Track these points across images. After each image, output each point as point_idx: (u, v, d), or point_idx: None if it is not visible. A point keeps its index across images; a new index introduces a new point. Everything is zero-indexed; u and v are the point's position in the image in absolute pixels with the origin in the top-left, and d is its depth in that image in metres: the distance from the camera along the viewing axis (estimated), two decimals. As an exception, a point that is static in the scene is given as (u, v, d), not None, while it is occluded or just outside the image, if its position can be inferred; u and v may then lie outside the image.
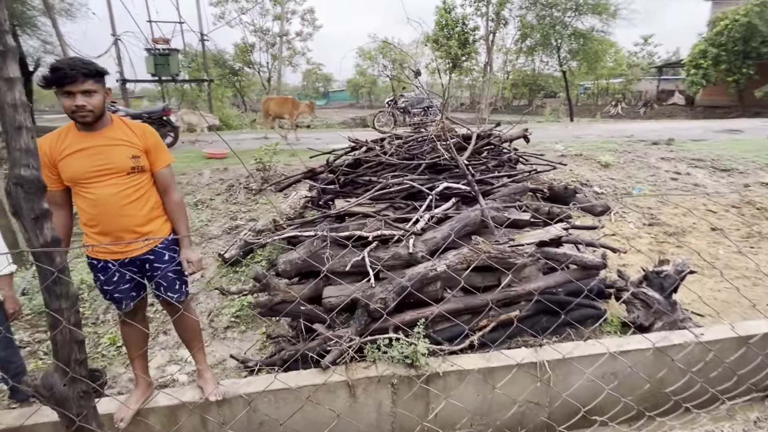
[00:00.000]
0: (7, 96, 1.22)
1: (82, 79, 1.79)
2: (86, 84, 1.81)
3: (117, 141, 1.99)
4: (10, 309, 2.51)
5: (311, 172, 4.14)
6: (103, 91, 1.91)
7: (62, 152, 1.92)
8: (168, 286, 2.22)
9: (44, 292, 1.25)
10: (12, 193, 1.22)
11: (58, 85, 1.79)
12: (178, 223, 2.21)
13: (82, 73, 1.80)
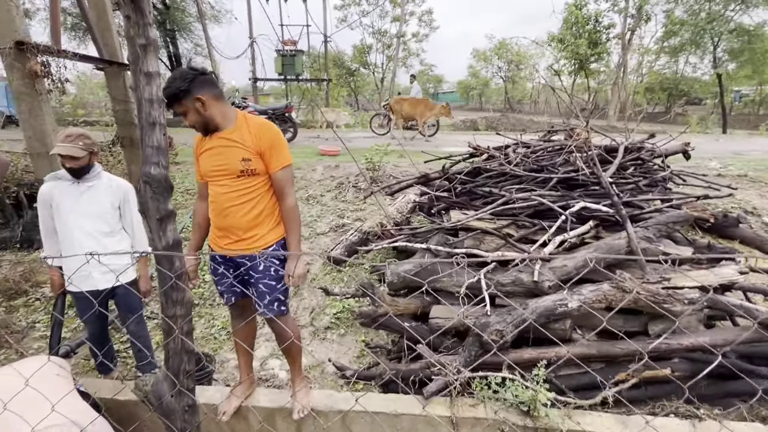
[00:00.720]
0: (146, 91, 1.18)
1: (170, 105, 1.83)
2: (175, 108, 1.85)
3: (233, 143, 1.96)
4: (143, 288, 2.71)
5: (424, 178, 3.91)
6: (193, 105, 1.86)
7: (201, 149, 2.03)
8: (258, 296, 2.13)
9: (162, 296, 1.17)
10: (141, 191, 1.17)
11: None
12: (287, 232, 2.09)
13: (167, 103, 1.82)
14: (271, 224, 2.10)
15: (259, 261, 2.01)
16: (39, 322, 3.65)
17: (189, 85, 1.78)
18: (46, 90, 3.60)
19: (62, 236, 2.49)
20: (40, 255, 2.50)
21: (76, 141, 2.34)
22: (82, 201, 2.46)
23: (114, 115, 4.90)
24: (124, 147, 4.85)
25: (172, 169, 8.06)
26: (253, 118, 2.03)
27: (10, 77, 3.50)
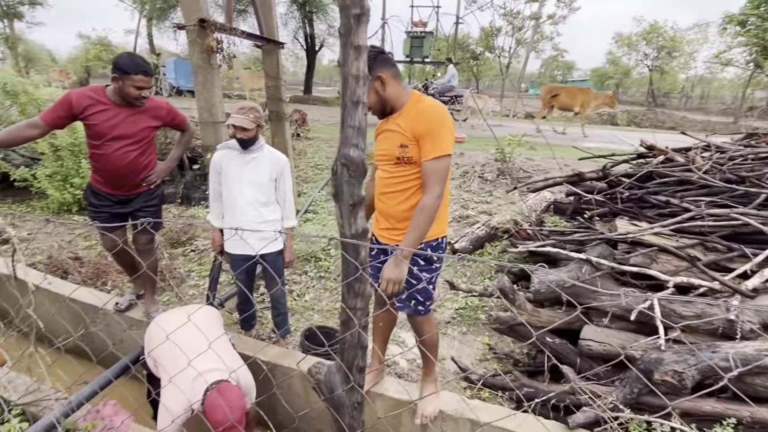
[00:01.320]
0: (353, 66, 1.09)
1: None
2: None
3: (396, 127, 1.86)
4: (288, 258, 2.84)
5: (577, 177, 3.47)
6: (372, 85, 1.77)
7: (377, 132, 2.01)
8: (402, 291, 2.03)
9: (344, 287, 1.10)
10: (337, 174, 1.10)
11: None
12: (410, 227, 1.82)
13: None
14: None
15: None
16: (193, 271, 4.13)
17: (372, 63, 1.68)
18: (217, 64, 3.97)
19: (226, 201, 2.69)
20: (207, 216, 2.72)
21: (248, 113, 2.47)
22: (246, 170, 2.62)
23: (266, 91, 5.29)
24: (271, 120, 5.22)
25: (303, 143, 8.59)
26: (425, 100, 1.89)
27: (191, 52, 3.93)
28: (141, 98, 2.49)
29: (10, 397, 2.09)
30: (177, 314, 2.22)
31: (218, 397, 1.83)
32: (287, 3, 22.84)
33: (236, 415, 1.85)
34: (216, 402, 1.82)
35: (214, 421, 1.81)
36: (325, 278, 4.06)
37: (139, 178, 2.62)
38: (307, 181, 6.86)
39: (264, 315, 3.44)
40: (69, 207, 5.42)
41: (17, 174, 5.42)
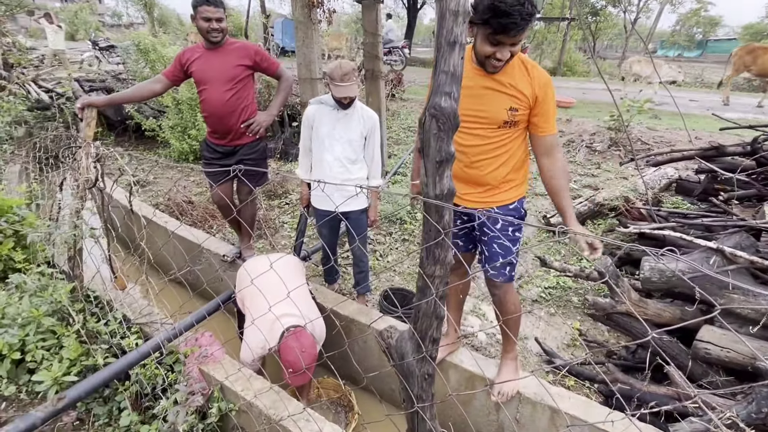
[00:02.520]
0: (452, 0, 0.93)
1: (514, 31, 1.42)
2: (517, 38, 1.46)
3: (501, 87, 1.63)
4: (372, 217, 2.83)
5: (715, 150, 2.90)
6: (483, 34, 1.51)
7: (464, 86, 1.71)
8: (489, 257, 1.89)
9: (423, 252, 1.00)
10: (425, 125, 0.98)
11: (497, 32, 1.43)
12: (558, 194, 1.72)
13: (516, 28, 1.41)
14: (519, 179, 1.84)
15: (498, 219, 1.76)
16: (286, 223, 4.37)
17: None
18: (317, 20, 3.97)
19: (315, 157, 2.72)
20: (296, 170, 2.78)
21: (351, 77, 2.41)
22: (338, 127, 2.60)
23: (363, 48, 5.21)
24: (366, 79, 5.16)
25: (397, 104, 8.47)
26: (530, 61, 1.67)
27: (293, 7, 3.97)
28: (212, 31, 2.55)
29: (130, 317, 2.42)
30: (263, 260, 2.35)
31: (293, 341, 1.93)
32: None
33: (307, 360, 1.94)
34: (291, 345, 1.92)
35: (287, 361, 1.93)
36: (408, 241, 4.02)
37: (239, 122, 2.73)
38: (398, 143, 6.79)
39: (347, 271, 3.53)
40: (186, 156, 6.05)
41: (147, 124, 6.16)
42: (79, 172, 2.17)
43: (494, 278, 1.90)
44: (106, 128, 6.78)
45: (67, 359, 2.04)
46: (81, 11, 26.27)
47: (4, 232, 2.53)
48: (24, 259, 2.45)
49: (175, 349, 2.17)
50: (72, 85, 7.15)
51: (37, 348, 2.05)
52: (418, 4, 23.85)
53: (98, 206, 2.31)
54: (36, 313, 2.08)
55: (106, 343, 2.18)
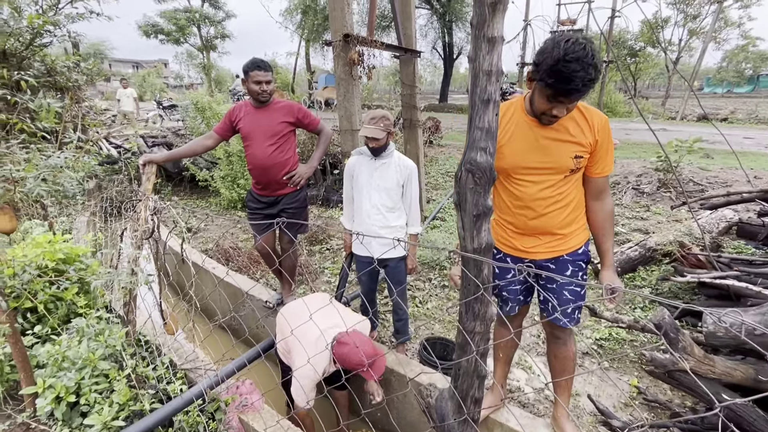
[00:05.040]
0: (485, 61, 0.98)
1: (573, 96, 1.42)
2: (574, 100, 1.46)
3: (565, 135, 1.61)
4: (410, 265, 2.82)
5: (778, 192, 2.71)
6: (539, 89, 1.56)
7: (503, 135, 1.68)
8: (560, 304, 1.81)
9: (462, 307, 0.98)
10: (461, 180, 0.99)
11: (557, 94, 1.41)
12: (604, 236, 1.73)
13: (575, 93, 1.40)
14: (582, 220, 1.80)
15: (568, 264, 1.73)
16: (327, 269, 4.43)
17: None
18: (358, 76, 4.21)
19: (356, 205, 2.80)
20: (337, 216, 2.85)
21: (379, 123, 2.52)
22: (375, 175, 2.68)
23: (401, 98, 5.43)
24: (405, 128, 5.34)
25: (435, 151, 8.62)
26: (585, 105, 1.66)
27: (335, 65, 4.24)
28: (263, 93, 2.76)
29: (177, 362, 2.49)
30: (298, 303, 2.40)
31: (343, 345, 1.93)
32: (427, 15, 23.44)
33: (368, 348, 1.92)
34: (343, 350, 1.92)
35: (352, 363, 1.92)
36: (448, 288, 3.95)
37: (280, 174, 2.88)
38: (436, 188, 6.84)
39: (387, 318, 3.48)
40: (235, 204, 6.38)
41: (201, 175, 6.60)
42: (138, 223, 2.34)
43: (565, 326, 1.83)
44: (165, 179, 7.32)
45: (116, 403, 2.11)
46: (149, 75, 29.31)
47: (70, 279, 2.74)
48: (85, 304, 2.62)
49: (216, 396, 2.20)
50: (137, 141, 7.86)
51: (90, 391, 2.14)
52: (454, 54, 24.78)
53: (153, 254, 2.47)
54: (92, 357, 2.19)
55: (153, 388, 2.24)
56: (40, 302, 2.53)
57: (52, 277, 2.64)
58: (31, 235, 3.20)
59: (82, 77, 5.19)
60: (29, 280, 2.47)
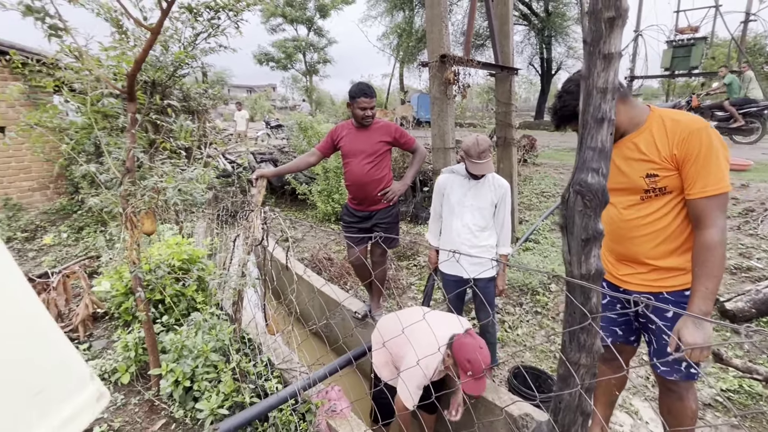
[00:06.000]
0: (600, 78, 0.94)
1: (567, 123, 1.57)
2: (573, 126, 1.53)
3: (635, 153, 1.51)
4: (500, 287, 2.72)
5: None
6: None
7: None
8: (658, 349, 1.60)
9: (566, 336, 0.93)
10: (568, 201, 0.95)
11: None
12: (696, 275, 1.42)
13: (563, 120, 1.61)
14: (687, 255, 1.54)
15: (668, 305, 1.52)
16: (413, 284, 4.46)
17: None
18: (453, 95, 4.24)
19: (445, 223, 2.79)
20: (426, 234, 2.87)
21: (488, 155, 2.49)
22: (468, 195, 2.65)
23: (495, 117, 5.34)
24: (498, 146, 5.22)
25: (530, 169, 8.25)
26: (672, 114, 1.48)
27: (431, 85, 4.32)
28: (366, 117, 2.93)
29: (274, 361, 2.68)
30: (392, 317, 2.43)
31: (469, 338, 1.90)
32: (524, 31, 22.82)
33: (486, 358, 1.86)
34: (467, 341, 1.88)
35: (466, 360, 1.85)
36: (542, 314, 3.72)
37: (376, 191, 3.00)
38: (530, 208, 6.53)
39: (473, 341, 3.39)
40: (329, 217, 6.75)
41: (300, 189, 7.11)
42: (249, 231, 2.60)
43: (666, 375, 1.61)
44: (269, 192, 8.03)
45: (222, 393, 2.33)
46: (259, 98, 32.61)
47: (191, 277, 3.12)
48: (202, 301, 2.96)
49: (308, 398, 2.32)
50: (248, 157, 8.76)
51: (202, 379, 2.40)
52: (552, 69, 23.70)
53: (260, 260, 2.71)
54: (205, 348, 2.46)
55: (253, 383, 2.44)
56: (168, 296, 2.92)
57: (178, 274, 3.04)
58: (163, 236, 3.72)
59: (209, 102, 5.97)
60: (161, 276, 2.87)
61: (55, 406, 0.28)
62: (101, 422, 2.34)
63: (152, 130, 3.13)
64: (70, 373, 0.29)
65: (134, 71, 1.98)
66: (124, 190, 2.12)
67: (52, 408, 0.28)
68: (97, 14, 2.22)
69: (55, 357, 0.29)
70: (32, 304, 0.29)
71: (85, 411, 0.28)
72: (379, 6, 22.84)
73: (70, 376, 0.29)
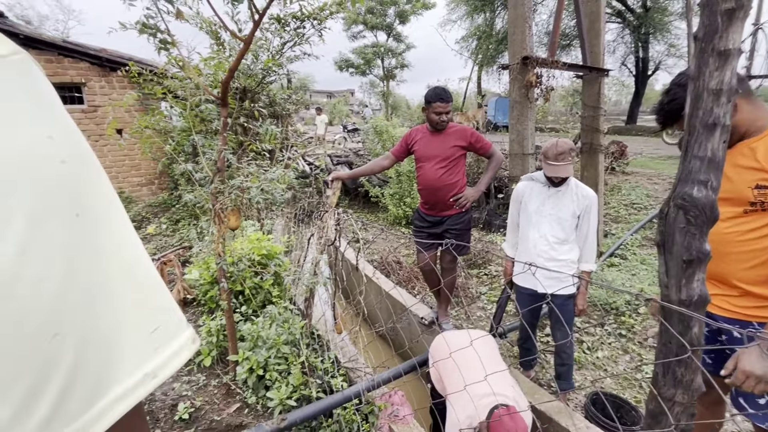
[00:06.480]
0: (713, 77, 0.82)
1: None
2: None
3: (749, 160, 1.32)
4: (580, 306, 2.52)
5: None
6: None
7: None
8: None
9: (658, 369, 0.83)
10: (668, 216, 0.85)
11: None
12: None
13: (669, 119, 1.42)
14: None
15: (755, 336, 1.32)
16: (483, 294, 4.31)
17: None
18: (534, 99, 4.05)
19: (522, 233, 2.65)
20: (498, 241, 2.75)
21: (567, 157, 2.34)
22: (547, 204, 2.50)
23: (581, 121, 4.99)
24: (583, 153, 4.87)
25: (618, 178, 7.61)
26: None
27: (511, 88, 4.17)
28: (441, 122, 2.87)
29: (341, 360, 2.75)
30: (463, 335, 2.33)
31: (509, 421, 1.79)
32: (617, 29, 21.16)
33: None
34: (506, 425, 1.78)
35: None
36: (626, 338, 3.40)
37: (448, 196, 2.94)
38: (617, 221, 6.02)
39: (546, 359, 3.19)
40: (400, 221, 6.79)
41: (373, 192, 7.24)
42: (323, 231, 2.69)
43: (759, 423, 1.40)
44: (343, 193, 8.28)
45: (291, 385, 2.44)
46: (338, 103, 33.89)
47: (269, 272, 3.31)
48: (277, 295, 3.13)
49: (371, 400, 2.33)
50: (325, 159, 9.12)
51: (273, 369, 2.53)
52: (648, 70, 21.69)
53: (331, 260, 2.79)
54: (278, 340, 2.59)
55: (320, 378, 2.52)
56: (247, 288, 3.12)
57: (257, 268, 3.24)
58: (246, 232, 4.00)
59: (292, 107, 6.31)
60: (243, 268, 3.08)
61: (165, 343, 0.33)
62: (185, 399, 2.56)
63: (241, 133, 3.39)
64: (173, 317, 0.35)
65: (228, 79, 2.14)
66: (215, 187, 2.31)
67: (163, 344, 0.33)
68: (200, 29, 2.45)
69: (163, 301, 0.35)
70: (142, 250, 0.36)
71: (185, 349, 0.35)
72: (460, 9, 22.59)
73: (174, 319, 0.35)
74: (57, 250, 0.29)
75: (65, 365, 0.29)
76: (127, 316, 0.33)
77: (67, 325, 0.29)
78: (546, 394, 2.63)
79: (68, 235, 0.30)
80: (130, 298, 0.33)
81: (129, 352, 0.32)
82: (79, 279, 0.30)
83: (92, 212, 0.32)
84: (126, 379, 0.32)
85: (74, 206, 0.31)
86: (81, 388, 0.30)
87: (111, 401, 0.31)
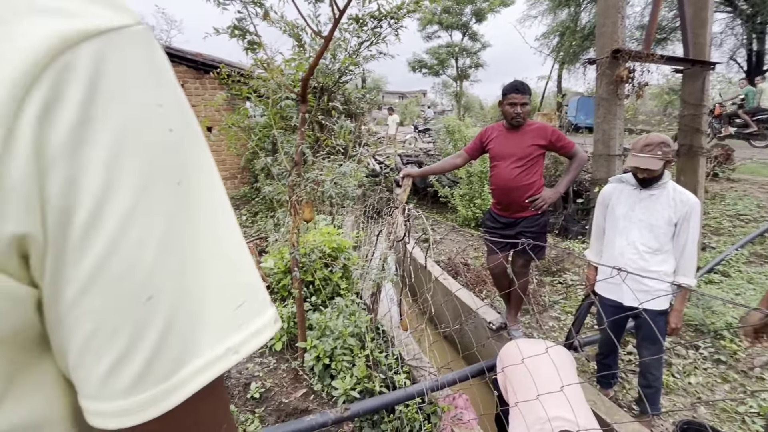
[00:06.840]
0: None
1: None
2: None
3: None
4: (673, 324, 2.27)
5: None
6: None
7: None
8: None
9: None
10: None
11: None
12: None
13: None
14: None
15: None
16: (557, 303, 4.06)
17: None
18: (624, 95, 3.72)
19: (607, 239, 2.45)
20: (585, 252, 2.57)
21: (655, 150, 2.12)
22: (637, 208, 2.28)
23: (679, 121, 4.50)
24: (681, 155, 4.38)
25: (722, 186, 6.76)
26: None
27: (598, 84, 3.87)
28: (516, 115, 2.73)
29: (405, 357, 2.74)
30: (535, 345, 2.20)
31: None
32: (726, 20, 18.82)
33: None
34: None
35: None
36: (725, 365, 3.00)
37: (523, 197, 2.79)
38: (718, 233, 5.35)
39: (628, 378, 2.92)
40: (469, 222, 6.62)
41: (442, 192, 7.15)
42: (392, 227, 2.70)
43: None
44: (412, 193, 8.28)
45: (355, 377, 2.47)
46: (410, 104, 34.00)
47: (338, 265, 3.40)
48: (345, 288, 3.20)
49: (434, 400, 2.29)
50: (395, 159, 9.18)
51: (339, 359, 2.58)
52: (764, 64, 19.02)
53: (399, 257, 2.79)
54: (344, 332, 2.64)
55: (383, 373, 2.53)
56: (318, 279, 3.23)
57: (328, 260, 3.34)
58: (318, 225, 4.14)
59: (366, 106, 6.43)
60: (314, 260, 3.19)
61: (249, 319, 0.34)
62: (257, 379, 2.71)
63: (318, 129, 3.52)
64: (259, 295, 0.36)
65: (308, 76, 2.22)
66: (291, 180, 2.41)
67: (247, 320, 0.34)
68: (283, 32, 2.57)
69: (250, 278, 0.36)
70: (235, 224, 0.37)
71: (267, 328, 0.35)
72: (541, 5, 21.53)
73: (259, 297, 0.36)
74: (159, 216, 0.30)
75: (156, 328, 0.30)
76: (214, 288, 0.33)
77: (161, 290, 0.30)
78: (626, 416, 2.40)
79: (170, 202, 0.31)
80: (218, 270, 0.33)
81: (213, 325, 0.32)
82: (174, 246, 0.31)
83: (192, 182, 0.33)
84: (208, 352, 0.32)
85: (177, 174, 0.32)
86: (169, 352, 0.30)
87: (194, 370, 0.31)
